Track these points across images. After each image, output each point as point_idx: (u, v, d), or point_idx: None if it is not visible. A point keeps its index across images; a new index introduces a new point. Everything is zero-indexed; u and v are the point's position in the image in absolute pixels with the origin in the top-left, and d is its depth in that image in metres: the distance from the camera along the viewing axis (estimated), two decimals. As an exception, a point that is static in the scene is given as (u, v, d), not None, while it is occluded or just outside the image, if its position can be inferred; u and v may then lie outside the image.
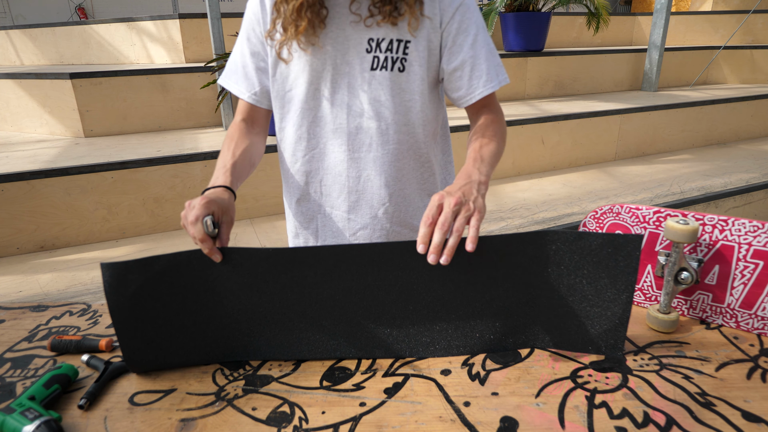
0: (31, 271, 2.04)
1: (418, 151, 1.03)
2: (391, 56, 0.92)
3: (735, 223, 0.83)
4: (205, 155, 2.44)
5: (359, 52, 0.92)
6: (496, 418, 0.67)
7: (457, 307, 0.81)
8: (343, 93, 0.96)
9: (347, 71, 0.94)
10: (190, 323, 0.79)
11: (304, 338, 0.81)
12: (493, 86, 0.95)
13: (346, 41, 0.92)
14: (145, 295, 0.75)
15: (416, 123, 0.99)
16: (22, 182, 2.13)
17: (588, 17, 4.30)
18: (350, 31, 0.92)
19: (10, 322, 0.94)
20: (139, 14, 4.64)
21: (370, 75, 0.93)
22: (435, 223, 0.74)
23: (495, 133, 0.96)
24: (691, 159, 3.60)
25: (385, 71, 0.93)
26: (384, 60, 0.92)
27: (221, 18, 3.00)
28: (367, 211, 1.04)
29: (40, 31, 4.24)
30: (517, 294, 0.80)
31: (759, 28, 5.49)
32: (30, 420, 0.63)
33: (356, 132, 0.98)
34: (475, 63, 0.94)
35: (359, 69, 0.93)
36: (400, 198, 1.04)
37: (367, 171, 1.01)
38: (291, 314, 0.80)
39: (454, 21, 0.92)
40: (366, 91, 0.95)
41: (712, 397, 0.69)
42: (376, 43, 0.91)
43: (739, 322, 0.85)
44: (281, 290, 0.79)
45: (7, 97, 3.14)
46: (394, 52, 0.92)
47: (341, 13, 0.91)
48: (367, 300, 0.80)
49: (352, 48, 0.92)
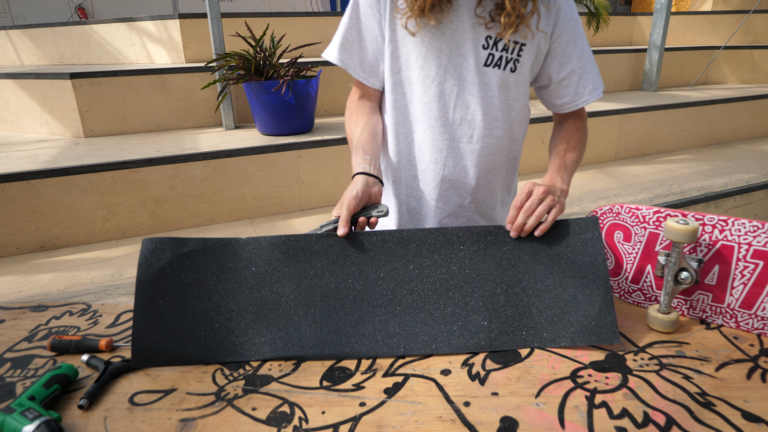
0: (31, 271, 2.04)
1: (511, 147, 1.09)
2: (505, 56, 0.96)
3: (735, 223, 0.83)
4: (205, 155, 2.44)
5: (476, 46, 0.96)
6: (496, 418, 0.67)
7: (450, 300, 0.85)
8: (453, 83, 0.99)
9: (460, 63, 0.97)
10: (200, 313, 0.82)
11: (306, 335, 0.82)
12: (598, 95, 1.03)
13: (464, 34, 0.95)
14: (169, 271, 0.83)
15: (515, 121, 1.05)
16: (22, 182, 2.13)
17: (588, 17, 4.30)
18: (469, 27, 0.95)
19: (10, 322, 0.94)
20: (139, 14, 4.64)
21: (482, 71, 0.97)
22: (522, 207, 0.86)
23: (579, 141, 1.05)
24: (691, 159, 3.60)
25: (498, 69, 0.97)
26: (498, 59, 0.96)
27: (221, 18, 3.00)
28: (455, 199, 1.09)
29: (40, 31, 4.24)
30: (506, 290, 0.85)
31: (759, 28, 5.49)
32: (30, 420, 0.63)
33: (460, 123, 1.02)
34: (583, 73, 1.01)
35: (474, 63, 0.97)
36: (487, 190, 1.10)
37: (464, 161, 1.05)
38: (297, 307, 0.84)
39: (565, 34, 0.97)
40: (476, 84, 0.98)
41: (712, 397, 0.69)
42: (493, 41, 0.95)
43: (739, 322, 0.85)
44: (290, 280, 0.85)
45: (7, 97, 3.14)
46: (509, 53, 0.96)
47: (466, 8, 0.94)
48: (367, 291, 0.85)
49: (469, 41, 0.96)
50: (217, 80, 2.79)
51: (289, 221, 2.56)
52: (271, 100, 2.73)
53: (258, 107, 2.80)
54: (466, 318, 0.83)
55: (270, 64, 2.76)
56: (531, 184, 0.89)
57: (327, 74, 3.34)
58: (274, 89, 2.67)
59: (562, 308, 0.83)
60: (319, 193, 2.74)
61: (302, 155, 2.64)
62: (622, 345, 0.82)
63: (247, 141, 2.70)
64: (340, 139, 2.71)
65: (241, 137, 2.83)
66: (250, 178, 2.55)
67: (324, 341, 0.81)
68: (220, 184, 2.50)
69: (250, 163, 2.53)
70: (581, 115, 1.09)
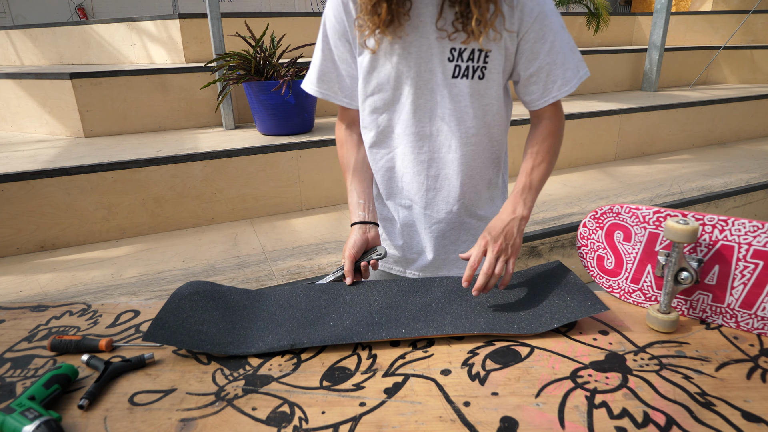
0: (31, 271, 2.04)
1: (492, 148, 1.10)
2: (472, 65, 0.96)
3: (735, 223, 0.83)
4: (205, 155, 2.44)
5: (442, 60, 0.96)
6: (496, 418, 0.67)
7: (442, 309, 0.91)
8: (426, 98, 1.01)
9: (429, 78, 0.99)
10: (221, 316, 0.90)
11: (315, 333, 0.86)
12: (567, 90, 1.00)
13: (430, 49, 0.96)
14: (207, 289, 0.94)
15: (492, 124, 1.06)
16: (22, 182, 2.13)
17: (588, 17, 4.30)
18: (434, 41, 0.95)
19: (10, 322, 0.94)
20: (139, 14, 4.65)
21: (451, 82, 0.98)
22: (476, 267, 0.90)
23: (549, 149, 1.04)
24: (691, 159, 3.60)
25: (466, 79, 0.98)
26: (465, 69, 0.97)
27: (221, 18, 3.00)
28: (443, 207, 1.11)
29: (40, 31, 4.25)
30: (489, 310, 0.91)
31: (759, 28, 5.49)
32: (30, 420, 0.63)
33: (437, 134, 1.04)
34: (552, 69, 0.99)
35: (441, 77, 0.98)
36: (473, 193, 1.12)
37: (446, 170, 1.08)
38: (307, 314, 0.91)
39: (532, 30, 0.95)
40: (447, 97, 1.00)
41: (712, 397, 0.69)
42: (458, 53, 0.95)
43: (739, 322, 0.85)
44: (300, 305, 0.94)
45: (7, 97, 3.14)
46: (475, 62, 0.96)
47: (427, 23, 0.95)
48: (366, 314, 0.91)
49: (435, 56, 0.97)
50: (217, 80, 2.79)
51: (289, 221, 2.56)
52: (271, 100, 2.73)
53: (258, 107, 2.80)
54: (463, 319, 0.88)
55: (270, 64, 2.76)
56: (485, 242, 0.92)
57: (327, 74, 3.34)
58: (274, 89, 2.67)
59: (541, 300, 0.91)
60: (319, 193, 2.74)
61: (302, 155, 2.64)
62: (622, 345, 0.82)
63: (247, 141, 2.70)
64: (340, 139, 2.71)
65: (241, 137, 2.83)
66: (250, 178, 2.55)
67: (330, 335, 0.85)
68: (220, 184, 2.50)
69: (250, 163, 2.53)
70: (555, 115, 1.06)
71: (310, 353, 0.82)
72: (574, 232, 2.43)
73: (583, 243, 1.00)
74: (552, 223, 2.45)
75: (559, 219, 2.49)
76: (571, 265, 2.48)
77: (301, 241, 2.30)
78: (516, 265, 1.03)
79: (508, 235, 0.94)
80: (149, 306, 0.99)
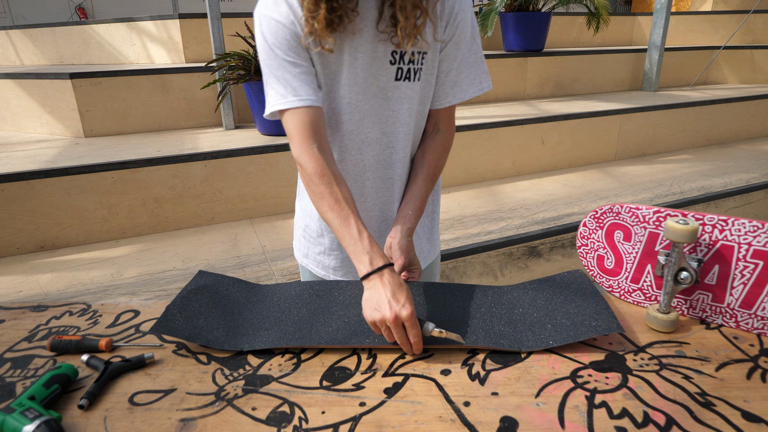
0: (31, 271, 2.04)
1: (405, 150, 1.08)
2: (413, 67, 0.96)
3: (735, 223, 0.83)
4: (205, 155, 2.44)
5: (384, 63, 0.95)
6: (496, 418, 0.67)
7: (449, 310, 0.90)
8: (373, 102, 0.99)
9: (374, 82, 0.97)
10: (229, 313, 0.91)
11: (321, 333, 0.85)
12: (463, 97, 1.02)
13: (374, 53, 0.94)
14: (217, 282, 0.98)
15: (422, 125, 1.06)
16: (22, 182, 2.13)
17: (588, 17, 4.30)
18: (379, 45, 0.94)
19: (10, 322, 0.94)
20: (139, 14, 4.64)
21: (394, 85, 0.97)
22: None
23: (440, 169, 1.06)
24: (691, 159, 3.60)
25: (409, 81, 0.97)
26: (407, 71, 0.96)
27: (221, 18, 3.00)
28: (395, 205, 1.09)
29: (40, 31, 4.24)
30: (503, 316, 0.89)
31: (759, 28, 5.49)
32: (30, 420, 0.63)
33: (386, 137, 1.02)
34: (458, 74, 1.00)
35: (385, 80, 0.97)
36: None
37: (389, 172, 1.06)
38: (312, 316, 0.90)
39: (453, 34, 0.96)
40: (392, 99, 0.99)
41: (712, 397, 0.69)
42: (399, 55, 0.95)
43: (739, 322, 0.85)
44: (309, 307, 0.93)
45: (7, 97, 3.14)
46: (416, 64, 0.96)
47: (369, 27, 0.92)
48: None
49: (379, 59, 0.95)
50: (217, 80, 2.79)
51: (288, 221, 2.56)
52: (271, 100, 2.72)
53: (258, 107, 2.80)
54: (465, 323, 0.86)
55: (270, 64, 2.76)
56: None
57: (327, 74, 3.34)
58: (274, 89, 2.67)
59: (557, 315, 0.87)
60: (319, 193, 2.74)
61: (302, 155, 2.64)
62: (622, 345, 0.82)
63: (247, 141, 2.70)
64: (340, 139, 2.71)
65: (241, 137, 2.83)
66: (250, 178, 2.55)
67: (334, 336, 0.84)
68: (220, 184, 2.50)
69: (250, 163, 2.53)
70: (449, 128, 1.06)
71: (310, 353, 0.82)
72: (574, 232, 2.43)
73: (583, 243, 1.00)
74: (552, 223, 2.44)
75: (559, 219, 2.49)
76: (571, 265, 2.48)
77: (301, 241, 2.29)
78: (517, 266, 1.02)
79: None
80: (149, 306, 0.99)
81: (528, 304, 0.91)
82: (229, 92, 2.94)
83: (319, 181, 0.90)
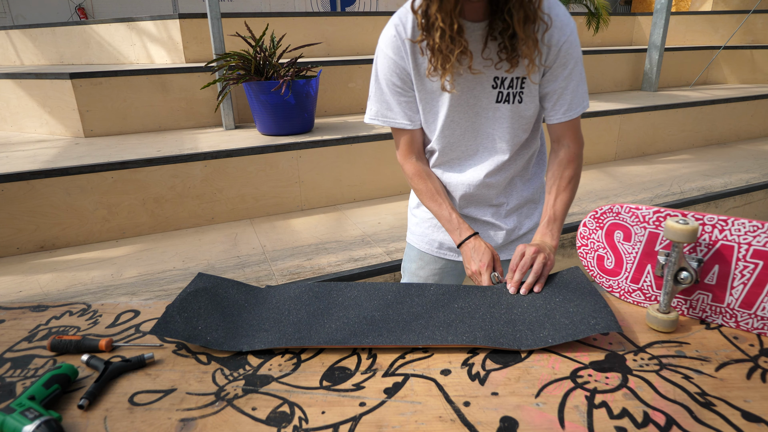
0: (31, 271, 2.04)
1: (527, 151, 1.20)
2: (512, 91, 1.08)
3: (735, 223, 0.83)
4: (205, 155, 2.44)
5: (486, 88, 1.08)
6: (496, 418, 0.67)
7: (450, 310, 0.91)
8: (473, 120, 1.12)
9: (475, 103, 1.10)
10: (228, 314, 0.91)
11: (320, 333, 0.86)
12: (571, 116, 1.11)
13: (477, 78, 1.06)
14: (218, 284, 0.97)
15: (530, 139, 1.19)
16: (22, 182, 2.13)
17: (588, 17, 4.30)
18: (482, 70, 1.05)
19: (10, 322, 0.94)
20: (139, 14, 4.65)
21: (495, 107, 1.10)
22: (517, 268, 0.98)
23: (571, 179, 1.15)
24: (691, 159, 3.60)
25: (508, 104, 1.09)
26: (507, 95, 1.08)
27: (221, 18, 3.00)
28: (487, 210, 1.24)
29: (40, 31, 4.24)
30: (503, 313, 0.89)
31: (759, 28, 5.49)
32: (30, 420, 0.63)
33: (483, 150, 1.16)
34: (563, 94, 1.09)
35: (486, 101, 1.09)
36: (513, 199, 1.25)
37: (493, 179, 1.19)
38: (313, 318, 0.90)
39: (559, 57, 1.05)
40: (491, 119, 1.11)
41: (712, 397, 0.69)
42: (500, 81, 1.07)
43: (739, 322, 0.85)
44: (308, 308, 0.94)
45: (7, 97, 3.14)
46: (515, 88, 1.08)
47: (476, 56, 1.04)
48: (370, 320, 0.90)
49: (482, 83, 1.07)
50: (217, 80, 2.79)
51: (288, 221, 2.56)
52: (271, 100, 2.73)
53: (258, 107, 2.80)
54: (464, 323, 0.86)
55: (270, 64, 2.76)
56: (522, 247, 1.02)
57: (327, 74, 3.34)
58: (274, 89, 2.67)
59: (555, 314, 0.87)
60: (319, 193, 2.74)
61: (302, 155, 2.64)
62: (622, 345, 0.82)
63: (247, 141, 2.70)
64: (339, 139, 2.71)
65: (241, 137, 2.83)
66: (250, 178, 2.55)
67: (332, 337, 0.84)
68: (220, 184, 2.50)
69: (250, 163, 2.53)
70: (574, 142, 1.15)
71: (309, 353, 0.82)
72: (574, 232, 2.42)
73: (583, 243, 1.00)
74: (552, 223, 2.44)
75: (559, 219, 2.49)
76: (571, 264, 2.48)
77: (301, 241, 2.30)
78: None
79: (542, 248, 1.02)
80: (149, 306, 0.99)
81: (527, 304, 0.91)
82: (229, 92, 2.94)
83: (417, 180, 1.19)
